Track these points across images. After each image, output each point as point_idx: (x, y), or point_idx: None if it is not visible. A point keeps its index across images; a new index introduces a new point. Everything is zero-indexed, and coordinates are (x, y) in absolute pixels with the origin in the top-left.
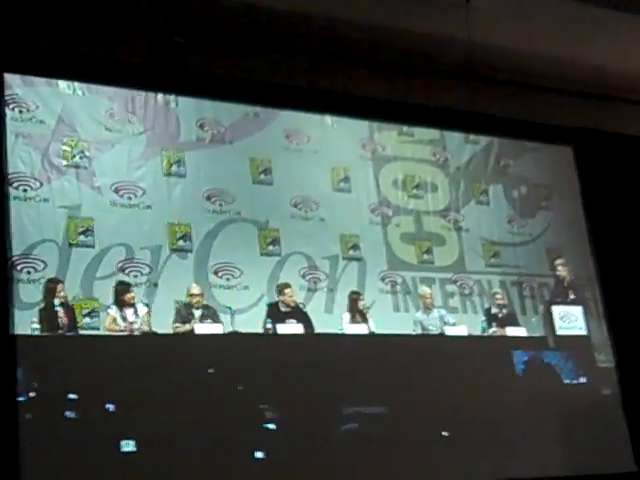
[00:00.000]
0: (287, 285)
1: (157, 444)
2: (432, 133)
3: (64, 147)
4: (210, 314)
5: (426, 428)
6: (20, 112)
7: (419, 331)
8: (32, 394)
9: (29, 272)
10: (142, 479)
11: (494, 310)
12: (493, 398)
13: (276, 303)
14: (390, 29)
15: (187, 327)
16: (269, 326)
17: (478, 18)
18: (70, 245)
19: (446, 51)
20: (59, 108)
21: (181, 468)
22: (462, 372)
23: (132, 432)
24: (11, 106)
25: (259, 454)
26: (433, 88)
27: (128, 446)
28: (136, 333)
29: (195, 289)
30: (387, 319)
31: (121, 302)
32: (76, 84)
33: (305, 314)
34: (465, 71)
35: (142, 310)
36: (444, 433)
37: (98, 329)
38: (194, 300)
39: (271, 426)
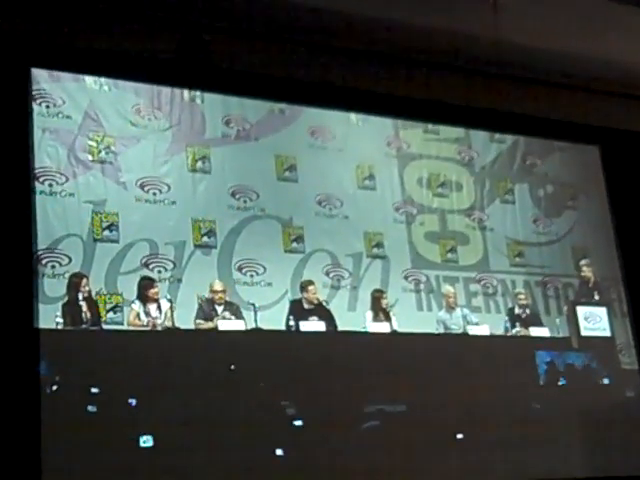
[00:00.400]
0: (310, 282)
1: (177, 440)
2: (457, 131)
3: (90, 142)
4: (233, 310)
5: (447, 428)
6: (47, 107)
7: (442, 330)
8: (55, 387)
9: (54, 266)
10: (160, 475)
11: (517, 310)
12: (515, 398)
13: (299, 300)
14: (416, 26)
15: (210, 323)
16: (292, 323)
17: (505, 15)
18: (95, 240)
19: (472, 49)
20: (85, 103)
21: (199, 465)
22: (484, 372)
23: (152, 427)
24: (38, 101)
25: (280, 452)
26: (459, 86)
27: (147, 442)
28: (159, 328)
29: (218, 285)
30: (410, 318)
31: (145, 297)
32: (102, 79)
33: (328, 311)
34: (491, 69)
35: (165, 305)
36: (463, 434)
37: (121, 324)
38: (217, 296)
39: (292, 423)
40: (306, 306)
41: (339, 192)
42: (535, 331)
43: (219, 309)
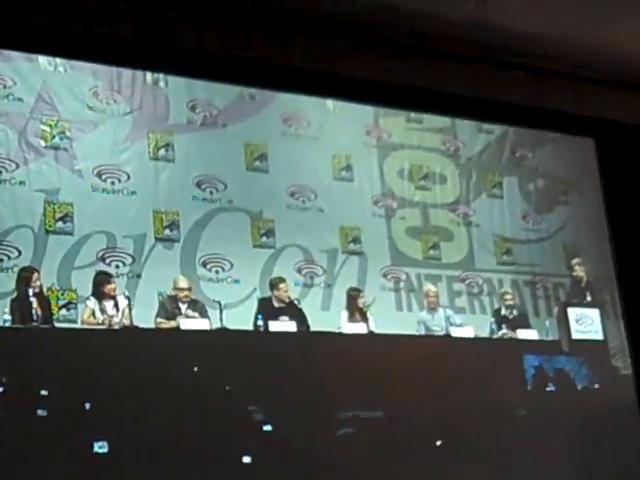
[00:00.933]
0: (281, 279)
1: (135, 447)
2: (442, 120)
3: (43, 127)
4: (197, 309)
5: (427, 435)
6: None
7: (423, 332)
8: (1, 389)
9: (1, 260)
10: None
11: (504, 311)
12: (501, 404)
13: (269, 298)
14: (402, 9)
15: (172, 322)
16: (260, 323)
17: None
18: (47, 232)
19: (458, 33)
20: (39, 85)
21: (158, 473)
22: (468, 376)
23: (108, 433)
24: None
25: (247, 459)
26: (445, 72)
27: (103, 448)
28: (116, 327)
29: (183, 282)
30: (389, 318)
31: (100, 294)
32: (57, 60)
33: (300, 311)
34: (479, 55)
35: (123, 303)
36: (445, 441)
37: (75, 322)
38: (182, 294)
39: (261, 429)
40: (276, 305)
41: (313, 183)
42: (523, 333)
43: (183, 307)
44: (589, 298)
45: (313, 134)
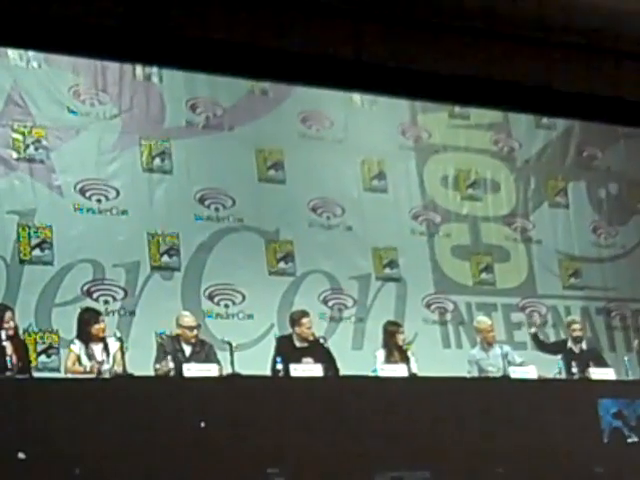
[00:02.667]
0: (304, 313)
1: None
2: (493, 115)
3: (15, 135)
4: (204, 351)
5: None
6: None
7: (475, 373)
8: None
9: None
10: None
11: (572, 345)
12: (572, 460)
13: (289, 336)
14: None
15: (173, 368)
16: (280, 366)
17: None
18: (22, 262)
19: (512, 8)
20: (8, 85)
21: None
22: (531, 427)
23: None
24: None
25: None
26: (496, 57)
27: None
28: (106, 375)
29: (188, 319)
30: (434, 357)
31: (87, 335)
32: (30, 54)
33: (327, 351)
34: (538, 34)
35: (114, 346)
36: None
37: (57, 370)
38: (188, 334)
39: None
40: (298, 344)
41: (339, 196)
42: (597, 373)
43: (186, 349)
44: None
45: (338, 136)
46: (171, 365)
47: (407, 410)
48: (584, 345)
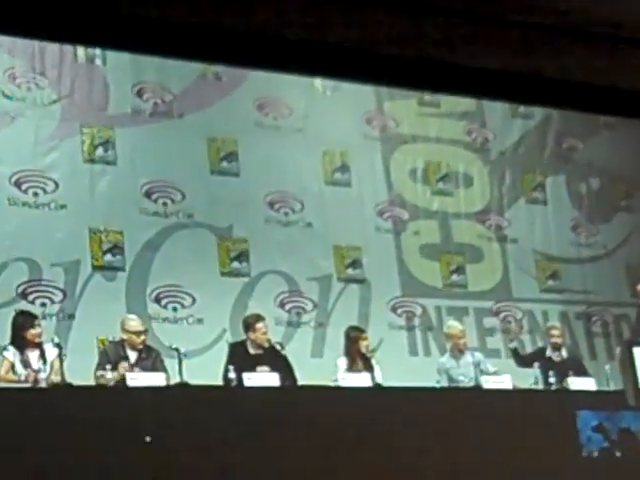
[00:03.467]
0: (259, 317)
1: None
2: (466, 103)
3: None
4: (151, 358)
5: None
6: None
7: (445, 383)
8: None
9: None
10: None
11: (551, 353)
12: (548, 478)
13: (242, 343)
14: None
15: (116, 377)
16: (232, 375)
17: None
18: None
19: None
20: None
21: None
22: (505, 441)
23: None
24: None
25: None
26: (467, 37)
27: None
28: (43, 385)
29: (135, 323)
30: (400, 366)
31: (22, 341)
32: None
33: (284, 358)
34: (513, 15)
35: (52, 353)
36: None
37: None
38: (135, 339)
39: None
40: (252, 351)
41: (299, 190)
42: (576, 383)
43: (132, 356)
44: None
45: (297, 124)
46: (114, 374)
47: (370, 423)
48: (564, 353)
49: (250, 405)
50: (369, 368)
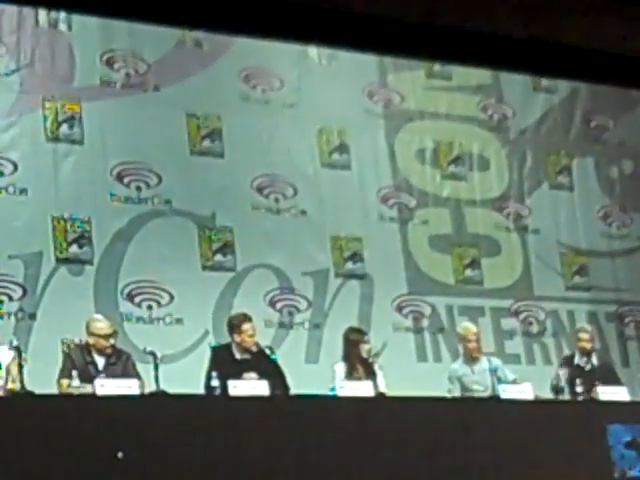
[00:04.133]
0: (245, 317)
1: None
2: (481, 75)
3: None
4: (121, 363)
5: None
6: None
7: (457, 393)
8: None
9: None
10: None
11: (579, 359)
12: None
13: (227, 346)
14: None
15: (84, 385)
16: (215, 383)
17: None
18: None
19: None
20: None
21: None
22: (525, 459)
23: None
24: None
25: None
26: (485, 3)
27: None
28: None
29: (101, 324)
30: (406, 373)
31: None
32: None
33: (274, 364)
34: None
35: (8, 356)
36: None
37: None
38: (101, 343)
39: None
40: (238, 356)
41: (291, 173)
42: (607, 392)
43: (100, 361)
44: None
45: (289, 99)
46: (80, 381)
47: (372, 437)
48: (594, 360)
49: (236, 417)
50: (371, 375)
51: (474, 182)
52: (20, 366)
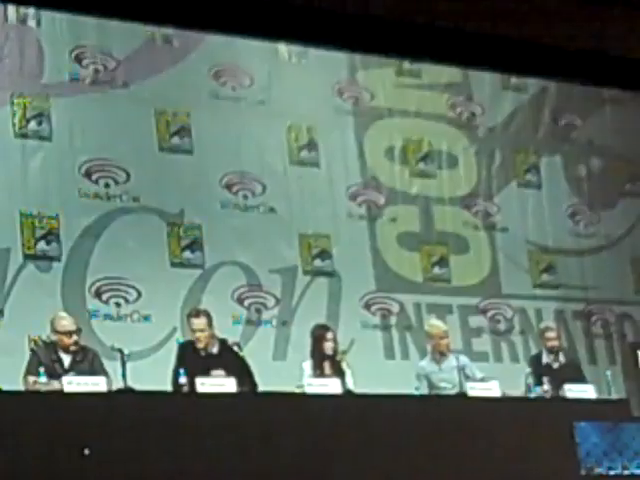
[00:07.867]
0: (198, 313)
1: None
2: (450, 73)
3: None
4: (87, 360)
5: None
6: None
7: (425, 390)
8: None
9: None
10: None
11: (546, 358)
12: None
13: (193, 342)
14: None
15: (50, 382)
16: (183, 380)
17: None
18: None
19: None
20: None
21: None
22: (493, 455)
23: None
24: None
25: None
26: (454, 2)
27: None
28: None
29: (65, 322)
30: (374, 370)
31: None
32: None
33: (241, 361)
34: None
35: None
36: None
37: None
38: (65, 340)
39: None
40: (202, 352)
41: (260, 170)
42: (574, 390)
43: (66, 359)
44: None
45: (259, 96)
46: (46, 378)
47: (340, 435)
48: (562, 358)
49: (203, 414)
50: (339, 373)
51: (443, 180)
52: None
